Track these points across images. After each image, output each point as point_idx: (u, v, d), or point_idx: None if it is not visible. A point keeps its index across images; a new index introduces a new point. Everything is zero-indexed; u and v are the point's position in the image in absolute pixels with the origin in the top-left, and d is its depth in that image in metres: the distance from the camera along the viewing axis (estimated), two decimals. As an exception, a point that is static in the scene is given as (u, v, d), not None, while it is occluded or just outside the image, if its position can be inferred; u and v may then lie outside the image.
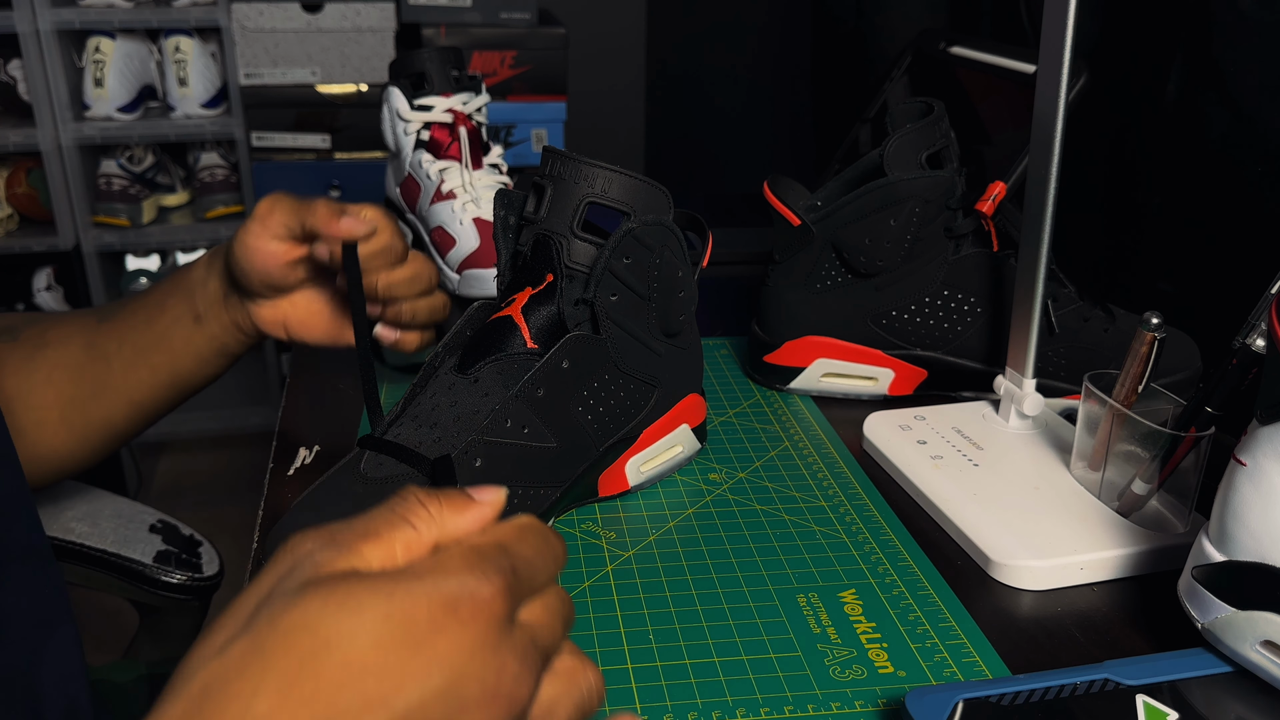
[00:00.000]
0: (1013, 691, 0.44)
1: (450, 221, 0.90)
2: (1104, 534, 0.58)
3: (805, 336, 0.76)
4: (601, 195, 0.57)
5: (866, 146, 0.97)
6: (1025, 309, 0.65)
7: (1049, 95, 0.61)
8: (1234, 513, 0.46)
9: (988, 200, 0.73)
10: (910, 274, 0.74)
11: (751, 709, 0.47)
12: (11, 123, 1.98)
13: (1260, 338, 0.52)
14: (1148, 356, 0.59)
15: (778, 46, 1.98)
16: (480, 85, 0.96)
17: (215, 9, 1.95)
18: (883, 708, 0.47)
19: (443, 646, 0.31)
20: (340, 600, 0.31)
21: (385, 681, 0.30)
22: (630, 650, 0.51)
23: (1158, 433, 0.57)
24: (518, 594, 0.34)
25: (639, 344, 0.60)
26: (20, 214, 2.06)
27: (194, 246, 2.12)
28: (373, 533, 0.34)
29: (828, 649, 0.51)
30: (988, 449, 0.67)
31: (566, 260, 0.57)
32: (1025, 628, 0.54)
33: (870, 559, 0.58)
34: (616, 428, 0.60)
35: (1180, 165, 0.85)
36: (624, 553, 0.59)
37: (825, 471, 0.67)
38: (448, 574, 0.32)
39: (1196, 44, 0.80)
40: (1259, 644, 0.45)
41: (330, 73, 2.02)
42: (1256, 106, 0.76)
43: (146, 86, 2.08)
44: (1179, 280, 0.86)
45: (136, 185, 2.07)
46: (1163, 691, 0.45)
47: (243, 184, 2.09)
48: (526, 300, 0.58)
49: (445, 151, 0.93)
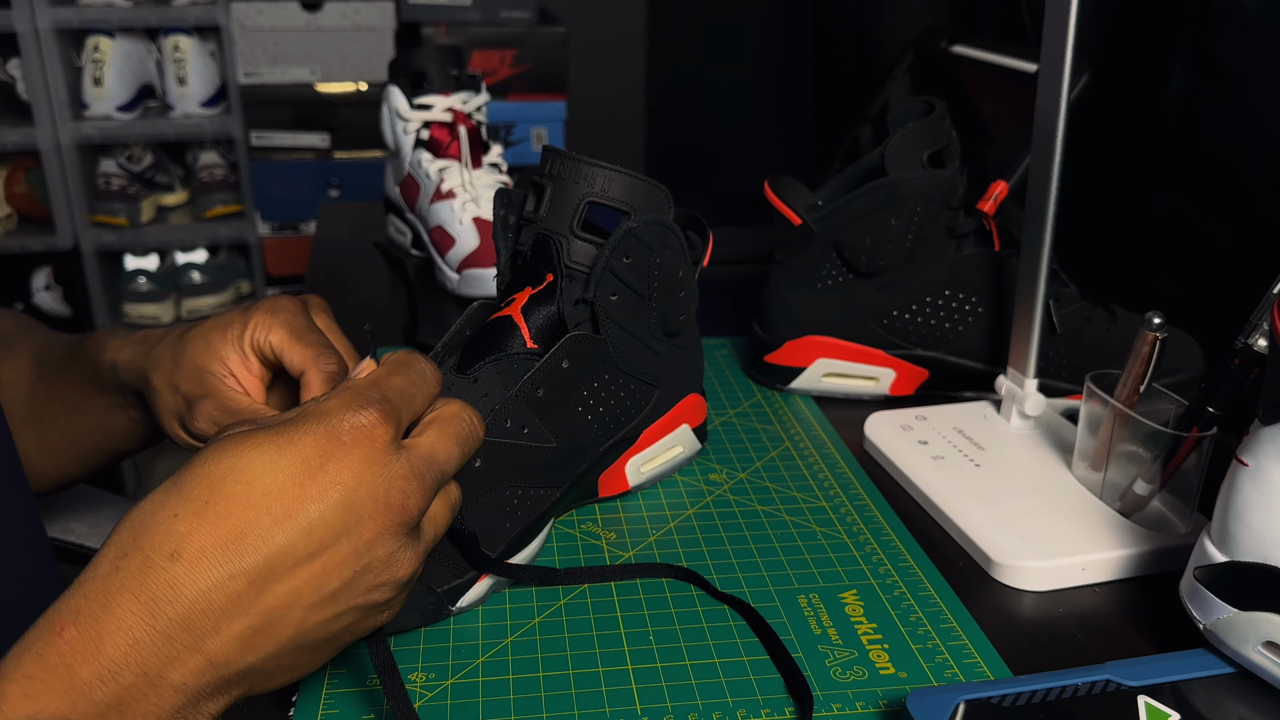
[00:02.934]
0: (1014, 692, 0.44)
1: (450, 221, 0.90)
2: (1106, 534, 0.58)
3: (806, 336, 0.76)
4: (601, 195, 0.57)
5: (868, 146, 0.97)
6: (1027, 309, 0.65)
7: (1051, 94, 0.60)
8: (1236, 513, 0.46)
9: (989, 200, 0.73)
10: (911, 274, 0.74)
11: (752, 709, 0.47)
12: (10, 122, 1.98)
13: (1262, 338, 0.52)
14: (1150, 356, 0.59)
15: (778, 45, 1.98)
16: (480, 84, 0.95)
17: (214, 8, 1.95)
18: (884, 709, 0.47)
19: (333, 469, 0.37)
20: (240, 440, 0.38)
21: (287, 501, 0.36)
22: (630, 650, 0.50)
23: (1160, 433, 0.57)
24: (396, 418, 0.40)
25: (639, 344, 0.59)
26: (19, 213, 2.06)
27: (193, 246, 2.12)
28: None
29: (829, 650, 0.51)
30: (989, 449, 0.67)
31: (567, 260, 0.57)
32: (1027, 628, 0.53)
33: (871, 559, 0.58)
34: (617, 428, 0.60)
35: (1183, 165, 0.85)
36: (624, 553, 0.59)
37: (826, 472, 0.67)
38: (329, 412, 0.39)
39: (1200, 43, 0.80)
40: (1261, 645, 0.45)
41: (329, 71, 2.02)
42: (1260, 106, 0.76)
43: (145, 85, 2.07)
44: (1181, 280, 0.86)
45: (135, 184, 2.07)
46: (1164, 692, 0.45)
47: (242, 183, 2.09)
48: (526, 300, 0.57)
49: (445, 150, 0.92)
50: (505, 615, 0.53)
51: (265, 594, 0.36)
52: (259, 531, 0.36)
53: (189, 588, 0.35)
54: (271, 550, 0.36)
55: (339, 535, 0.37)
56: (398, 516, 0.39)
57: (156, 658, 0.34)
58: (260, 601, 0.36)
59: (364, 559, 0.38)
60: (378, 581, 0.39)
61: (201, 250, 2.14)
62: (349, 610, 0.39)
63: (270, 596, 0.36)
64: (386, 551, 0.39)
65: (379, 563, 0.39)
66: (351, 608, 0.39)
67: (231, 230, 2.08)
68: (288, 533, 0.36)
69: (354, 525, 0.38)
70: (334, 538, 0.37)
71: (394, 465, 0.39)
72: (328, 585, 0.38)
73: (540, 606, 0.54)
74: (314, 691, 0.47)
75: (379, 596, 0.40)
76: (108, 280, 2.11)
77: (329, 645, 0.40)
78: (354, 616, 0.40)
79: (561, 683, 0.48)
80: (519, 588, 0.55)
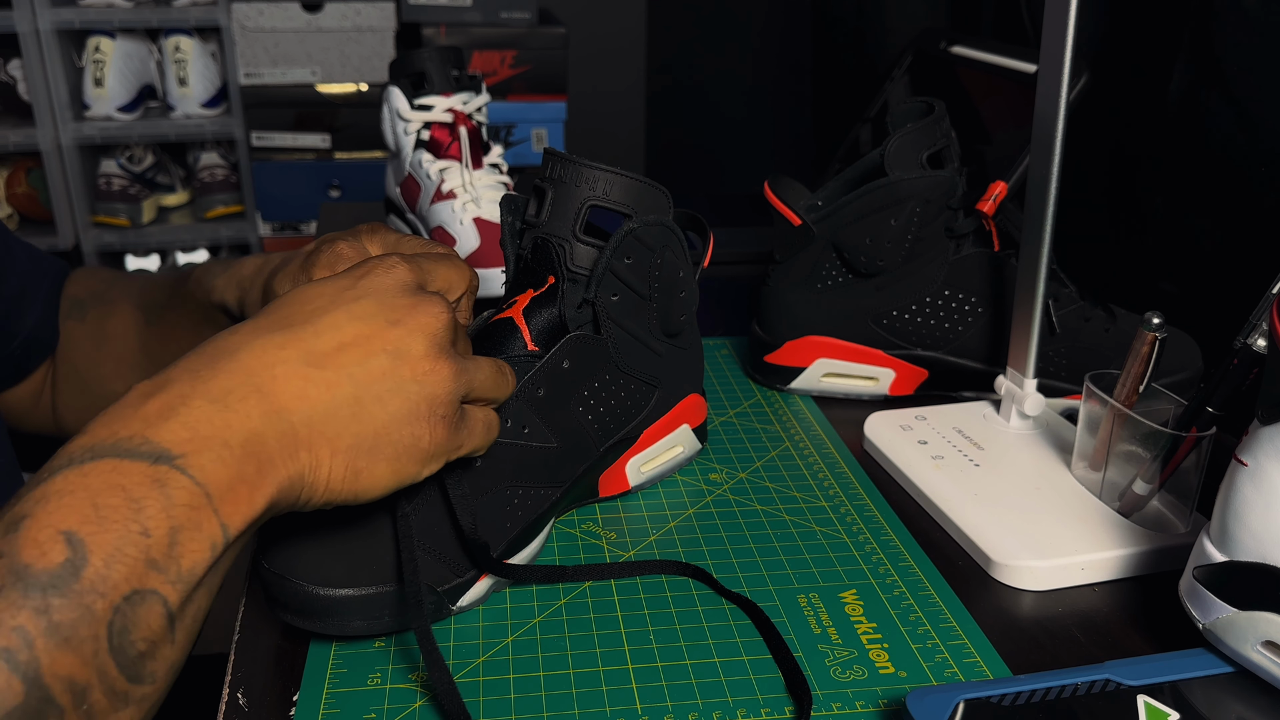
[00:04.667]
0: (1014, 692, 0.44)
1: (450, 221, 0.90)
2: (1105, 534, 0.58)
3: (806, 336, 0.76)
4: (603, 198, 0.57)
5: (867, 146, 0.97)
6: (1026, 309, 0.65)
7: (1050, 95, 0.60)
8: (1235, 513, 0.46)
9: (989, 200, 0.73)
10: (911, 274, 0.74)
11: (752, 709, 0.47)
12: (11, 122, 1.98)
13: (1261, 338, 0.52)
14: (1149, 356, 0.59)
15: (778, 46, 1.98)
16: (480, 85, 0.95)
17: (215, 9, 1.95)
18: (883, 708, 0.47)
19: (364, 283, 0.45)
20: (303, 284, 0.48)
21: (325, 300, 0.44)
22: (630, 650, 0.51)
23: (1159, 433, 0.57)
24: (416, 270, 0.47)
25: (640, 344, 0.60)
26: (20, 214, 2.06)
27: (194, 246, 2.12)
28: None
29: (828, 649, 0.51)
30: (989, 449, 0.67)
31: (569, 264, 0.57)
32: (1026, 628, 0.53)
33: (871, 559, 0.58)
34: (617, 428, 0.60)
35: (1182, 165, 0.85)
36: (625, 553, 0.59)
37: (826, 472, 0.67)
38: (361, 264, 0.47)
39: (1200, 43, 0.80)
40: (1260, 644, 0.45)
41: (330, 72, 2.02)
42: (1259, 107, 0.76)
43: (146, 86, 2.08)
44: (1180, 280, 0.86)
45: (136, 185, 2.07)
46: (1164, 692, 0.45)
47: (243, 184, 2.09)
48: (528, 303, 0.57)
49: (445, 151, 0.93)
50: (506, 615, 0.53)
51: (315, 350, 0.42)
52: (303, 310, 0.44)
53: (247, 347, 0.41)
54: (312, 311, 0.44)
55: (374, 314, 0.44)
56: (430, 322, 0.45)
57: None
58: (313, 359, 0.42)
59: (400, 344, 0.44)
60: (415, 375, 0.44)
61: (203, 251, 2.14)
62: (395, 391, 0.43)
63: (315, 347, 0.42)
64: (422, 348, 0.44)
65: (415, 357, 0.44)
66: (397, 390, 0.43)
67: (232, 231, 2.09)
68: (326, 308, 0.44)
69: (390, 316, 0.44)
70: (372, 313, 0.44)
71: (415, 291, 0.46)
72: (371, 355, 0.43)
73: (541, 606, 0.54)
74: (315, 690, 0.47)
75: (418, 394, 0.44)
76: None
77: (385, 439, 0.43)
78: (401, 404, 0.43)
79: (562, 682, 0.48)
80: (519, 587, 0.55)
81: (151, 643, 0.35)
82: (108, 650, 0.33)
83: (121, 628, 0.34)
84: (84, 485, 0.35)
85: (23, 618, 0.32)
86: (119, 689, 0.34)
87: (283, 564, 0.49)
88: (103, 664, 0.33)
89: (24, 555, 0.33)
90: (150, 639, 0.35)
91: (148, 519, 0.35)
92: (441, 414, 0.45)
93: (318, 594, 0.48)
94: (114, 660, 0.33)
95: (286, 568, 0.49)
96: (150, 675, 0.35)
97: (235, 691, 0.48)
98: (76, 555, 0.33)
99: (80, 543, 0.33)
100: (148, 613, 0.34)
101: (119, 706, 0.34)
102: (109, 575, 0.33)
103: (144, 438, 0.37)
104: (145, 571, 0.34)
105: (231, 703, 0.47)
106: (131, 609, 0.34)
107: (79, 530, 0.34)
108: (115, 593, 0.33)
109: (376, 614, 0.49)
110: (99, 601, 0.33)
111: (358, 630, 0.49)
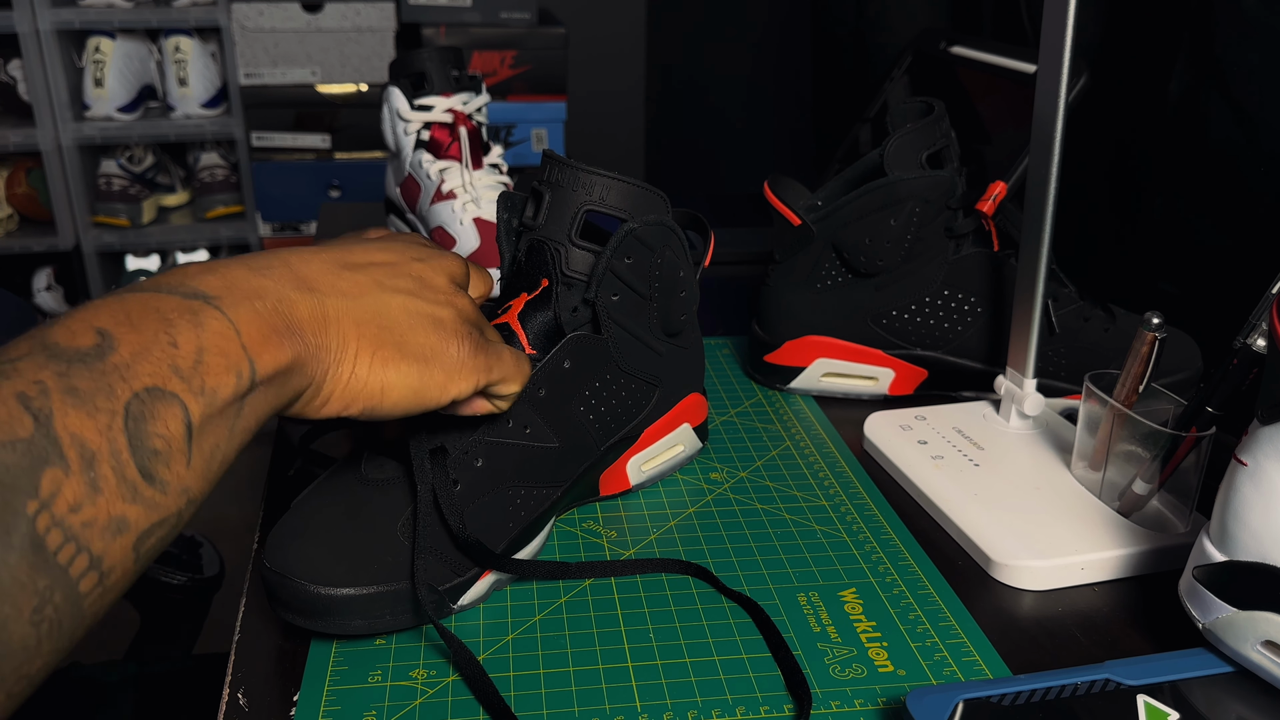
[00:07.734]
0: (1013, 691, 0.44)
1: (450, 221, 0.90)
2: (1105, 534, 0.58)
3: (805, 336, 0.76)
4: (600, 203, 0.57)
5: (867, 146, 0.97)
6: (1026, 309, 0.65)
7: (1049, 95, 0.61)
8: (1235, 513, 0.46)
9: (988, 200, 0.73)
10: (910, 274, 0.74)
11: (751, 707, 0.47)
12: (11, 123, 1.98)
13: (1261, 338, 0.52)
14: (1148, 356, 0.59)
15: (778, 46, 1.98)
16: (480, 85, 0.95)
17: (215, 9, 1.95)
18: (883, 707, 0.47)
19: (388, 240, 0.50)
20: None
21: (353, 242, 0.48)
22: (630, 648, 0.51)
23: (1158, 433, 0.57)
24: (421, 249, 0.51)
25: (640, 344, 0.60)
26: (20, 214, 2.07)
27: (194, 246, 2.12)
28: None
29: (828, 648, 0.51)
30: (988, 449, 0.67)
31: (564, 269, 0.57)
32: (1026, 628, 0.54)
33: (871, 558, 0.58)
34: (618, 427, 0.60)
35: (1182, 165, 0.85)
36: (625, 551, 0.59)
37: (826, 471, 0.67)
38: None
39: (1199, 44, 0.80)
40: (1260, 644, 0.45)
41: (330, 72, 2.02)
42: (1259, 107, 0.76)
43: (146, 86, 2.08)
44: (1180, 280, 0.86)
45: (136, 185, 2.07)
46: (1164, 691, 0.45)
47: (243, 184, 2.09)
48: (523, 307, 0.57)
49: (445, 151, 0.93)
50: (506, 613, 0.53)
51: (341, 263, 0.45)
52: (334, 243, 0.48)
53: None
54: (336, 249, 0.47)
55: (402, 252, 0.48)
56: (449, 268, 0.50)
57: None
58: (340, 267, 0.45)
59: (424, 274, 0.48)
60: (438, 297, 0.47)
61: (203, 251, 2.14)
62: (421, 302, 0.46)
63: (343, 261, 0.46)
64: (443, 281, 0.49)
65: (439, 286, 0.48)
66: (423, 303, 0.46)
67: (232, 231, 2.09)
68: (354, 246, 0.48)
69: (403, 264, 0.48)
70: (399, 250, 0.48)
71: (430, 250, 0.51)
72: (398, 275, 0.47)
73: (541, 604, 0.54)
74: (316, 689, 0.48)
75: (443, 309, 0.47)
76: (109, 281, 2.12)
77: (413, 338, 0.45)
78: (428, 313, 0.46)
79: (562, 680, 0.48)
80: (520, 585, 0.55)
81: (167, 443, 0.35)
82: (122, 428, 0.33)
83: (139, 414, 0.34)
84: (120, 302, 0.36)
85: (45, 374, 0.33)
86: (128, 476, 0.33)
87: (284, 563, 0.49)
88: (115, 440, 0.33)
89: (55, 335, 0.34)
90: (166, 438, 0.35)
91: (177, 333, 0.36)
92: (467, 331, 0.47)
93: (319, 593, 0.48)
94: (128, 441, 0.33)
95: (288, 567, 0.49)
96: (161, 481, 0.35)
97: (235, 691, 0.48)
98: (105, 343, 0.34)
99: (110, 335, 0.35)
100: (166, 410, 0.35)
101: (125, 497, 0.33)
102: (133, 365, 0.34)
103: (182, 282, 0.39)
104: (169, 374, 0.35)
105: (232, 703, 0.47)
106: (151, 400, 0.34)
107: (111, 329, 0.35)
108: (137, 381, 0.34)
109: (377, 613, 0.49)
110: (120, 384, 0.34)
111: (359, 629, 0.49)
